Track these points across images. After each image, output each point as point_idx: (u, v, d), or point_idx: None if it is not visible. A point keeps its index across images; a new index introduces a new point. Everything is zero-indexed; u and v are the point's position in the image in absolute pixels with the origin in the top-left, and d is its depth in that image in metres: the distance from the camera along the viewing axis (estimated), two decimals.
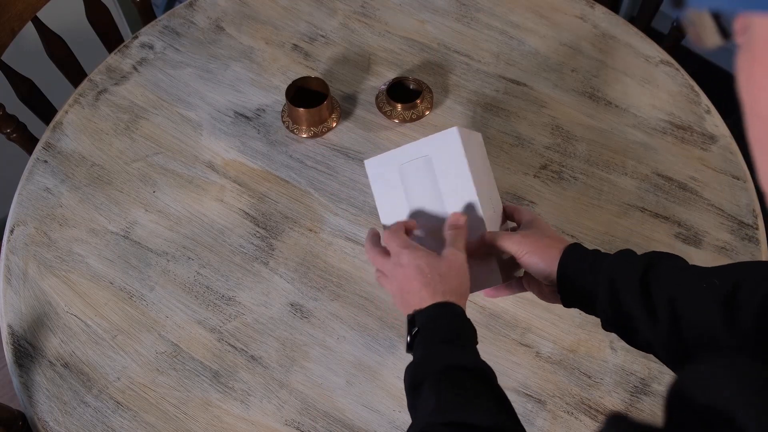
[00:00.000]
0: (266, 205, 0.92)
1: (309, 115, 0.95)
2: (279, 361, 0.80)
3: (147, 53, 1.08)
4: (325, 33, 1.10)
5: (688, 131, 0.99)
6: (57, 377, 0.79)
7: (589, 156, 0.97)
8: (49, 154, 0.97)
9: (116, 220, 0.91)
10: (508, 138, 0.98)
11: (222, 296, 0.85)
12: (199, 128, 0.99)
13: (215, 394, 0.78)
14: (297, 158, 0.96)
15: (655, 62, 1.06)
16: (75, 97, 1.03)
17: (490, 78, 1.05)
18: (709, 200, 0.93)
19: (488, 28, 1.10)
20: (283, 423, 0.76)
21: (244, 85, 1.04)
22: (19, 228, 0.90)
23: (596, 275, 0.60)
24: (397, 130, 0.99)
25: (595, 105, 1.02)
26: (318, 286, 0.85)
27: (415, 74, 1.05)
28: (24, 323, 0.83)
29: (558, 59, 1.07)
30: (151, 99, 1.02)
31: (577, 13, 1.12)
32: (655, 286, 0.57)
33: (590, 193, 0.93)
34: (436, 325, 0.59)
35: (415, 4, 1.13)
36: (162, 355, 0.80)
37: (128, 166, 0.96)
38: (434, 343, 0.58)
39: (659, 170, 0.95)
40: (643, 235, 0.89)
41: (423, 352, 0.58)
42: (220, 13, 1.13)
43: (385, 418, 0.76)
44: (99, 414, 0.77)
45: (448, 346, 0.57)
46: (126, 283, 0.86)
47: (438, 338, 0.58)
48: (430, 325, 0.59)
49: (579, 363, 0.80)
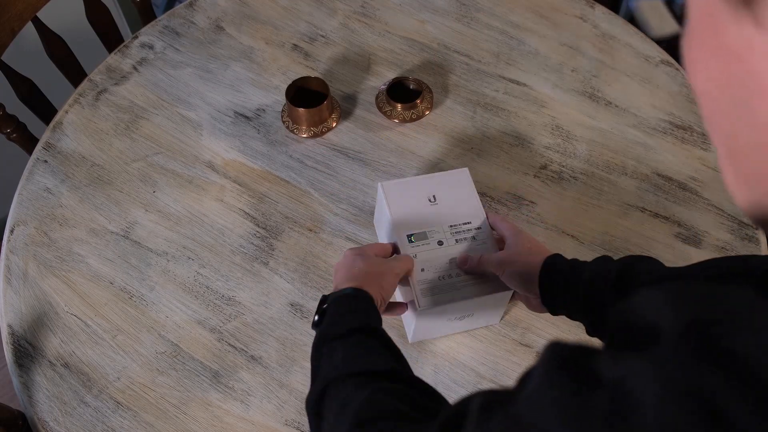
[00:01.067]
0: (266, 205, 0.92)
1: (309, 115, 0.95)
2: (279, 361, 0.80)
3: (147, 53, 1.08)
4: (325, 33, 1.10)
5: (688, 131, 0.99)
6: (57, 377, 0.79)
7: (589, 156, 0.97)
8: (49, 154, 0.97)
9: (116, 220, 0.91)
10: (508, 138, 0.98)
11: (222, 296, 0.84)
12: (199, 128, 0.99)
13: (215, 394, 0.78)
14: (297, 158, 0.96)
15: (655, 62, 1.06)
16: (75, 97, 1.03)
17: (490, 78, 1.04)
18: (709, 200, 0.93)
19: (488, 28, 1.10)
20: (283, 423, 0.76)
21: (244, 85, 1.04)
22: (19, 228, 0.90)
23: (576, 285, 0.64)
24: (397, 130, 0.99)
25: (595, 105, 1.02)
26: (318, 286, 0.85)
27: (415, 74, 1.05)
28: (24, 323, 0.83)
29: (558, 59, 1.07)
30: (151, 99, 1.02)
31: (577, 13, 1.12)
32: (630, 287, 0.60)
33: (590, 193, 0.93)
34: (344, 302, 0.64)
35: (415, 4, 1.13)
36: (162, 355, 0.80)
37: (128, 166, 0.96)
38: (340, 314, 0.63)
39: (659, 170, 0.95)
40: (643, 235, 0.89)
41: (331, 319, 0.63)
42: (220, 13, 1.13)
43: None
44: (99, 414, 0.77)
45: (352, 315, 0.62)
46: (126, 283, 0.86)
47: (344, 310, 0.63)
48: (340, 300, 0.64)
49: None
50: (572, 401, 0.28)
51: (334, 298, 0.64)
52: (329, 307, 0.64)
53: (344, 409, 0.50)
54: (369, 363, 0.56)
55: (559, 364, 0.30)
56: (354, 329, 0.59)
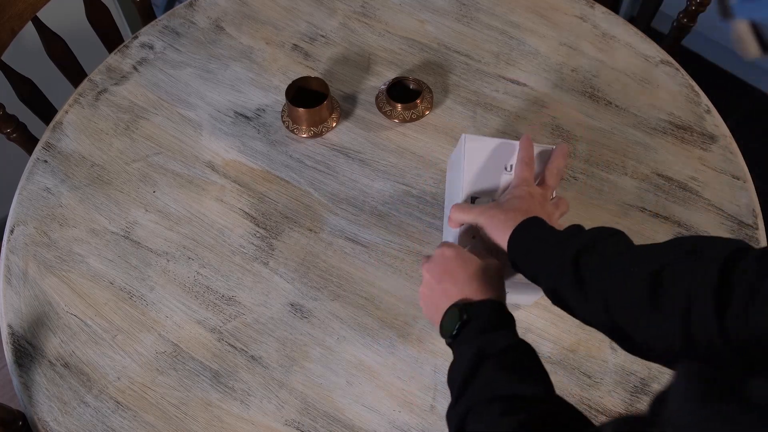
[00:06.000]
0: (266, 205, 0.92)
1: (309, 115, 0.95)
2: (279, 361, 0.80)
3: (147, 53, 1.08)
4: (325, 33, 1.10)
5: (688, 131, 0.99)
6: (57, 377, 0.79)
7: (589, 156, 0.97)
8: (49, 154, 0.97)
9: (116, 220, 0.91)
10: (508, 138, 0.98)
11: (222, 296, 0.85)
12: (199, 128, 0.99)
13: (215, 394, 0.78)
14: (297, 158, 0.96)
15: (655, 62, 1.06)
16: (75, 97, 1.03)
17: (490, 78, 1.05)
18: (709, 200, 0.93)
19: (488, 28, 1.10)
20: (283, 423, 0.76)
21: (244, 85, 1.04)
22: (19, 228, 0.90)
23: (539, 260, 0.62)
24: (397, 129, 0.99)
25: (595, 105, 1.02)
26: (318, 286, 0.85)
27: (415, 74, 1.05)
28: (24, 323, 0.83)
29: (558, 59, 1.07)
30: (151, 99, 1.02)
31: (577, 13, 1.12)
32: (586, 272, 0.58)
33: (590, 193, 0.93)
34: (489, 315, 0.62)
35: (415, 4, 1.13)
36: (162, 355, 0.80)
37: (128, 166, 0.96)
38: (488, 329, 0.60)
39: (659, 170, 0.95)
40: (643, 235, 0.89)
41: (480, 336, 0.60)
42: (220, 13, 1.13)
43: (385, 418, 0.76)
44: (99, 414, 0.77)
45: (506, 330, 0.61)
46: (126, 283, 0.86)
47: (490, 326, 0.61)
48: (486, 318, 0.61)
49: (579, 363, 0.80)
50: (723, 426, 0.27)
51: (483, 312, 0.62)
52: (477, 319, 0.61)
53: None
54: (523, 388, 0.54)
55: (703, 387, 0.29)
56: (509, 346, 0.58)
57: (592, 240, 0.60)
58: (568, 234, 0.63)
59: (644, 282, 0.52)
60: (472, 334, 0.60)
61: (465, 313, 0.61)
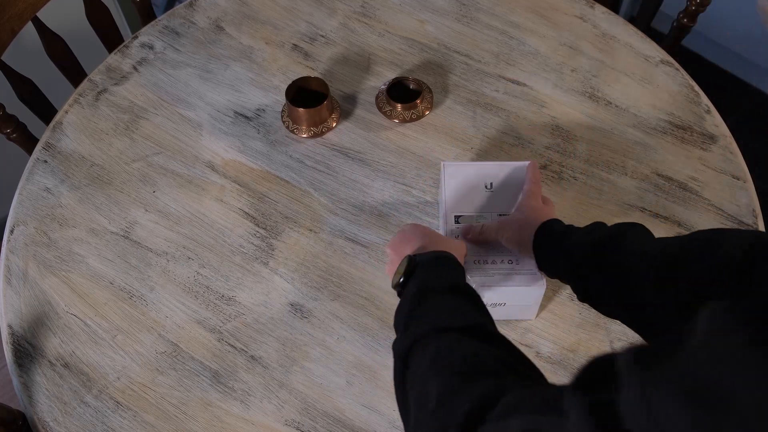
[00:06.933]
0: (266, 205, 0.92)
1: (309, 115, 0.95)
2: (279, 361, 0.80)
3: (147, 53, 1.08)
4: (325, 33, 1.10)
5: (688, 131, 0.99)
6: (57, 377, 0.79)
7: (589, 156, 0.97)
8: (49, 154, 0.97)
9: (116, 220, 0.91)
10: (508, 138, 0.98)
11: (222, 296, 0.85)
12: (199, 128, 0.99)
13: (215, 394, 0.78)
14: (297, 158, 0.96)
15: (655, 62, 1.06)
16: (75, 97, 1.03)
17: (490, 78, 1.05)
18: (709, 200, 0.93)
19: (488, 28, 1.10)
20: (283, 423, 0.76)
21: (244, 85, 1.04)
22: (19, 228, 0.90)
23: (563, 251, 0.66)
24: (397, 130, 0.99)
25: (595, 105, 1.02)
26: (318, 286, 0.85)
27: (415, 74, 1.05)
28: (24, 323, 0.83)
29: (558, 59, 1.07)
30: (151, 99, 1.03)
31: (577, 13, 1.12)
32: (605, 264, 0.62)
33: (590, 193, 0.93)
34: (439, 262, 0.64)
35: (415, 4, 1.13)
36: (162, 355, 0.80)
37: (128, 166, 0.96)
38: (437, 268, 0.63)
39: (659, 170, 0.95)
40: None
41: (427, 275, 0.62)
42: (220, 13, 1.13)
43: (385, 418, 0.76)
44: (99, 414, 0.77)
45: (453, 272, 0.63)
46: (126, 283, 0.86)
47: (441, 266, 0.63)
48: (433, 262, 0.64)
49: (579, 363, 0.80)
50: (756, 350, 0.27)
51: (429, 258, 0.64)
52: (423, 264, 0.63)
53: (438, 361, 0.50)
54: (468, 319, 0.56)
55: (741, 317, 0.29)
56: (453, 286, 0.60)
57: (617, 226, 0.64)
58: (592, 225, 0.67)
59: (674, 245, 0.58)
60: (419, 278, 0.62)
61: (413, 261, 0.64)
